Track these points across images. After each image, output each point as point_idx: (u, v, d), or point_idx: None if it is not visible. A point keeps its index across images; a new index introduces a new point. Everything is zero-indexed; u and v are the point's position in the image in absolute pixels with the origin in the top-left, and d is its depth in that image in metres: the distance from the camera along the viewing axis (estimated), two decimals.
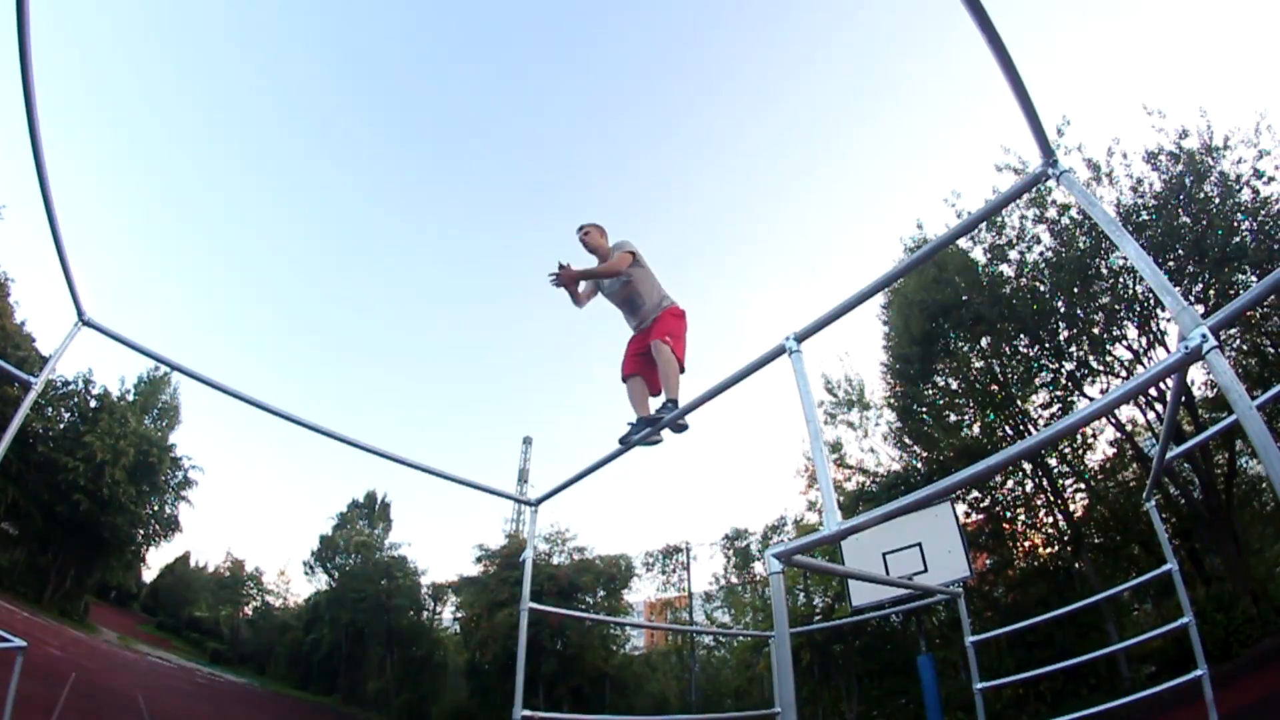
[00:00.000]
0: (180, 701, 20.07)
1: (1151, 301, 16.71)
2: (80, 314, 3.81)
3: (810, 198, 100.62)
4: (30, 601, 31.01)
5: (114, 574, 41.18)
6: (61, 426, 35.28)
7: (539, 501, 5.39)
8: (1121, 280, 17.03)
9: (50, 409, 34.89)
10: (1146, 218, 16.41)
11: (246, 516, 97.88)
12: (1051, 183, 2.62)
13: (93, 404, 36.31)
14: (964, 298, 19.41)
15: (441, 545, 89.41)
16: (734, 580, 30.92)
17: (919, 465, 21.86)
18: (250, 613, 60.35)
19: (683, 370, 4.51)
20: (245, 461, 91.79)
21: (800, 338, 3.17)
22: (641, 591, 34.94)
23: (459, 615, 38.58)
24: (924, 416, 21.91)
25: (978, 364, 20.69)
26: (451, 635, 42.25)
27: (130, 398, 40.08)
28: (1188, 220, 15.96)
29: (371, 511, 51.42)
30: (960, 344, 20.60)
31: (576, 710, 28.56)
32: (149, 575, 52.89)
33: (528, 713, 4.32)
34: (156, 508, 39.28)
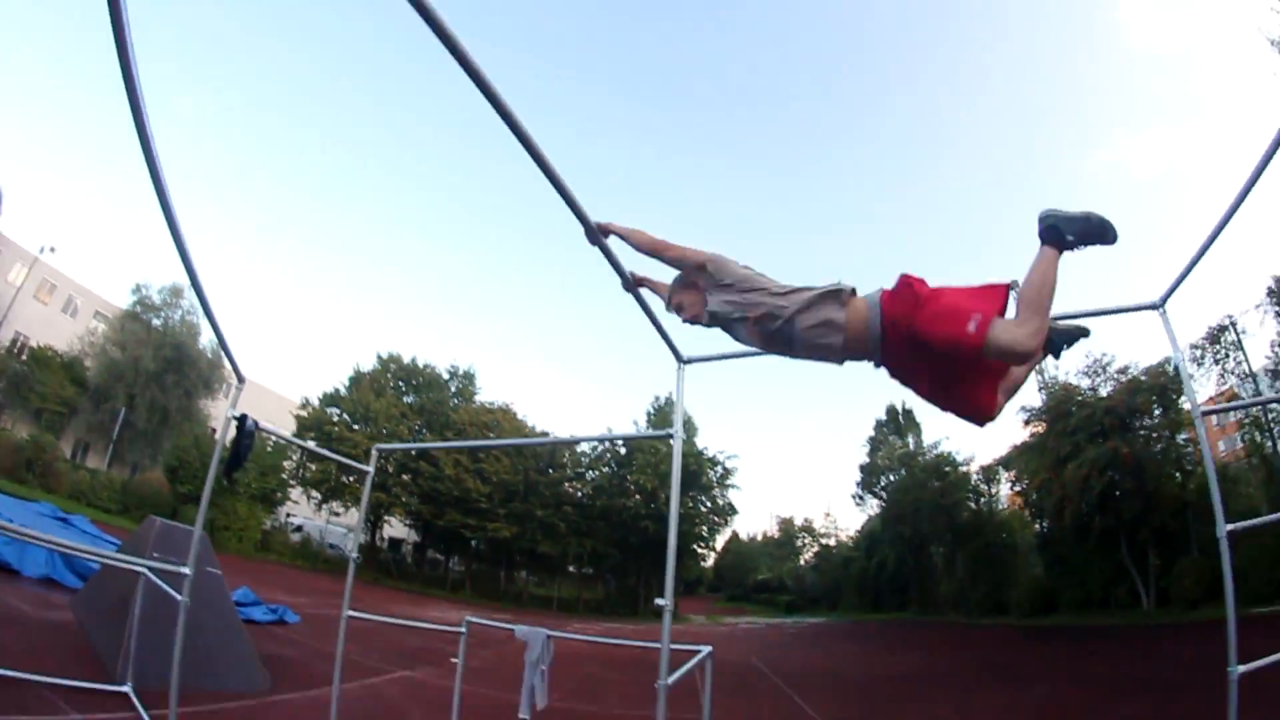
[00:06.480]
0: (785, 652, 22.28)
1: None
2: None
3: None
4: (630, 616, 38.49)
5: (689, 570, 48.65)
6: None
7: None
8: None
9: (590, 472, 43.23)
10: None
11: (781, 478, 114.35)
12: None
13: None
14: None
15: (976, 430, 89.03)
16: None
17: None
18: (812, 558, 66.35)
19: None
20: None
21: None
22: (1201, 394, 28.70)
23: (1018, 488, 36.41)
24: None
25: None
26: (1014, 514, 40.54)
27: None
28: None
29: (898, 424, 51.96)
30: None
31: (1163, 555, 25.47)
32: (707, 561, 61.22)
33: None
34: (709, 505, 44.24)
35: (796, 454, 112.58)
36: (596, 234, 3.00)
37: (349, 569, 5.81)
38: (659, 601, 3.78)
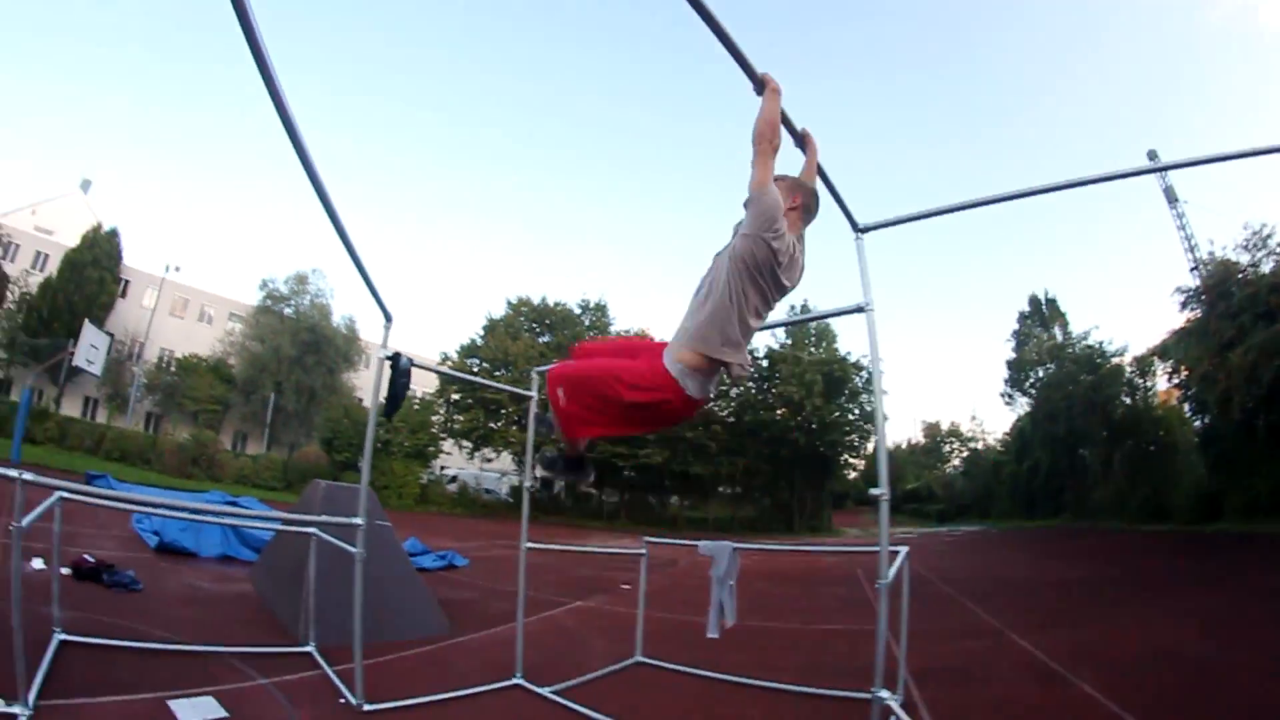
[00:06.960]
0: (947, 560, 21.47)
1: None
2: None
3: None
4: (785, 532, 38.29)
5: (838, 482, 48.15)
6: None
7: None
8: None
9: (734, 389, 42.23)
10: None
11: (924, 380, 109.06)
12: None
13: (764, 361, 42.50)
14: None
15: (1127, 318, 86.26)
16: None
17: None
18: (960, 464, 64.08)
19: None
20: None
21: None
22: None
23: (1176, 381, 33.17)
24: None
25: None
26: (1172, 409, 37.17)
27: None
28: None
29: (1042, 315, 48.70)
30: None
31: None
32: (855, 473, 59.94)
33: None
34: (855, 414, 43.14)
35: (938, 353, 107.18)
36: (762, 84, 2.57)
37: (523, 499, 5.63)
38: (874, 491, 3.37)
